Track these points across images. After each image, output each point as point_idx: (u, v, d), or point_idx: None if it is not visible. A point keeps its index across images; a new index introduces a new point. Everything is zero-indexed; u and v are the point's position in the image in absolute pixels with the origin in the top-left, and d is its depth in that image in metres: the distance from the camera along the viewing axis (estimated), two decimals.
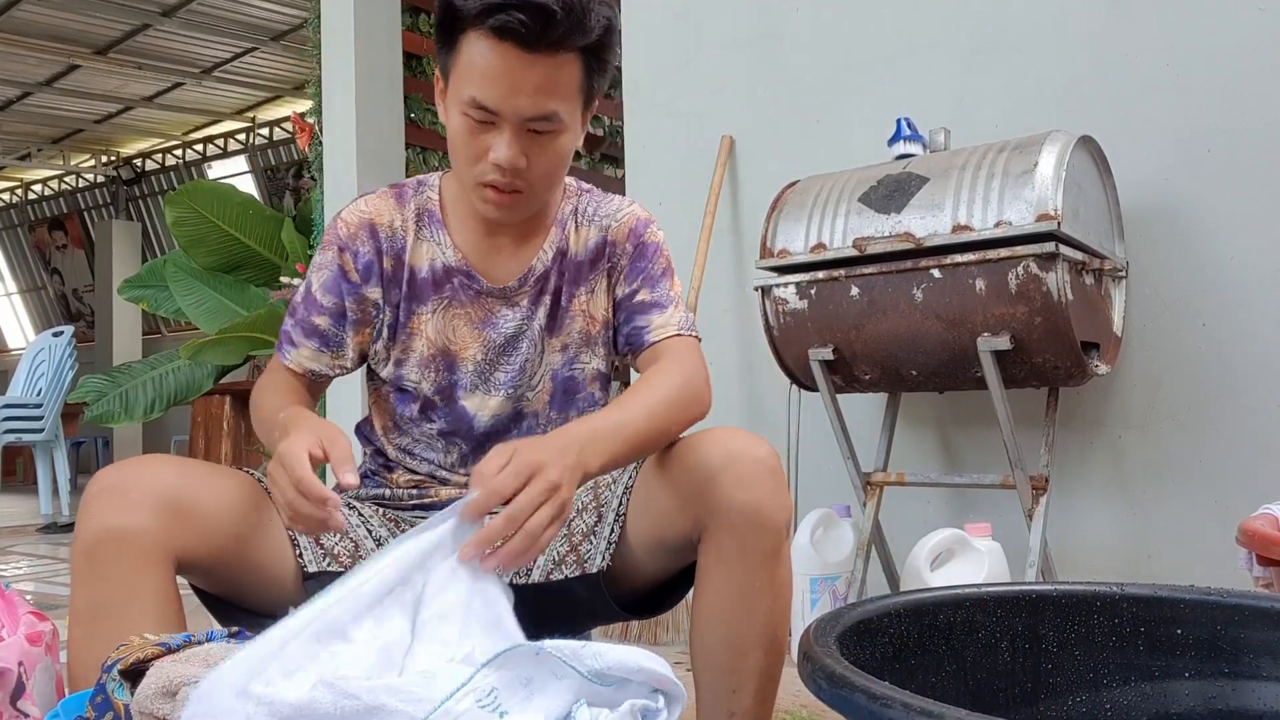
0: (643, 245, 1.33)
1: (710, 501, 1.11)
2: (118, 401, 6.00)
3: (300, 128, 4.49)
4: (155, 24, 7.64)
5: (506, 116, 1.14)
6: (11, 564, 4.35)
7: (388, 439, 1.34)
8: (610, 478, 1.26)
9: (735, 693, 1.14)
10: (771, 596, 1.13)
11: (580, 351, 1.32)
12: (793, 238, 2.40)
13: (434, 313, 1.28)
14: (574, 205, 1.35)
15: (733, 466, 1.10)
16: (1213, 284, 2.32)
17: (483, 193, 1.20)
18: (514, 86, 1.13)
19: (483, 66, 1.13)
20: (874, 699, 0.76)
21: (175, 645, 0.93)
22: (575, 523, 1.24)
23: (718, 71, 3.10)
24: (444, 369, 1.28)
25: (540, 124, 1.16)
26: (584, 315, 1.32)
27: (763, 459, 1.11)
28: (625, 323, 1.32)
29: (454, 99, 1.17)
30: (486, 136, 1.16)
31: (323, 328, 1.29)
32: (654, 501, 1.19)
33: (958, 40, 2.70)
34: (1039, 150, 2.11)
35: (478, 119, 1.15)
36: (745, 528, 1.10)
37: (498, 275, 1.29)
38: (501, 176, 1.18)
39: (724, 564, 1.12)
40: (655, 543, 1.19)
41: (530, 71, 1.12)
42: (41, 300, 13.10)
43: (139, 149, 11.17)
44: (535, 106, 1.14)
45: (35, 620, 1.19)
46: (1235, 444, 2.28)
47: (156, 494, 1.05)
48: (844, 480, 2.53)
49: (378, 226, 1.28)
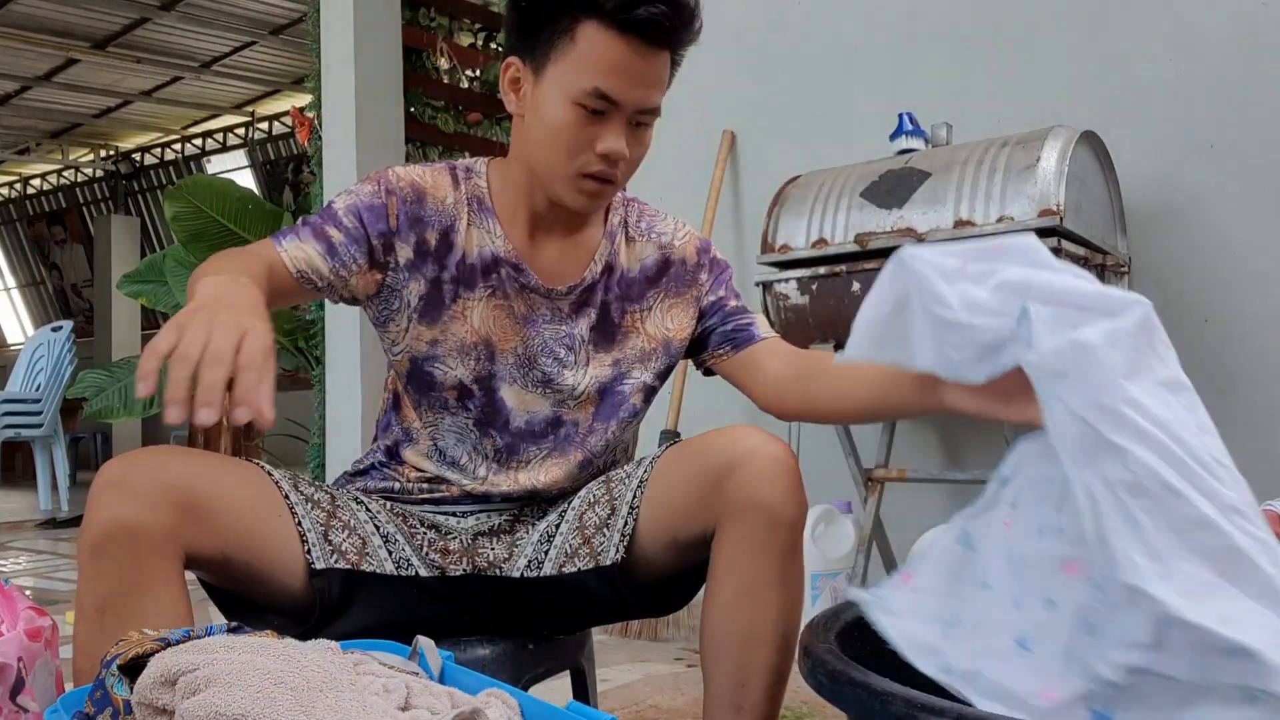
0: (715, 260, 1.38)
1: (726, 496, 1.11)
2: (117, 396, 6.00)
3: (300, 122, 4.48)
4: (154, 18, 7.63)
5: (626, 107, 1.17)
6: (11, 559, 4.35)
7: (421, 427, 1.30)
8: (624, 471, 1.26)
9: (744, 687, 1.14)
10: (784, 592, 1.14)
11: (633, 367, 1.32)
12: (794, 233, 2.40)
13: (480, 300, 1.27)
14: (622, 216, 1.35)
15: (750, 463, 1.11)
16: (1215, 280, 2.32)
17: (581, 184, 1.20)
18: (637, 79, 1.16)
19: (610, 58, 1.14)
20: (875, 695, 0.76)
21: (175, 640, 0.93)
22: (588, 515, 1.24)
23: (719, 66, 3.09)
24: (484, 358, 1.27)
25: (647, 116, 1.20)
26: (639, 332, 1.32)
27: (780, 457, 1.12)
28: (723, 323, 1.34)
29: (561, 89, 1.17)
30: (594, 128, 1.17)
31: (335, 240, 1.21)
32: (669, 496, 1.19)
33: (960, 34, 2.69)
34: (1041, 145, 2.11)
35: (594, 109, 1.16)
36: (760, 523, 1.11)
37: (545, 273, 1.29)
38: (608, 167, 1.19)
39: (738, 559, 1.12)
40: (669, 537, 1.19)
41: (650, 64, 1.17)
42: (40, 295, 13.10)
43: (138, 143, 11.16)
44: (650, 99, 1.18)
45: (35, 615, 1.19)
46: (1236, 440, 2.27)
47: (165, 487, 1.04)
48: (845, 476, 2.53)
49: (428, 196, 1.26)
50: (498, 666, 1.21)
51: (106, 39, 8.13)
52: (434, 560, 1.25)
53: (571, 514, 1.26)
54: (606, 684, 2.14)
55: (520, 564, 1.26)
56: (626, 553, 1.20)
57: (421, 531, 1.26)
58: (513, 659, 1.24)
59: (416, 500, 1.30)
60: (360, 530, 1.22)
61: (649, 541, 1.20)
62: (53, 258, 12.73)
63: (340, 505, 1.22)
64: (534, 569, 1.25)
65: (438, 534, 1.27)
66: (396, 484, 1.30)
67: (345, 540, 1.20)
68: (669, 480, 1.20)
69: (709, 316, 1.35)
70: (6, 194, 12.93)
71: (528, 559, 1.26)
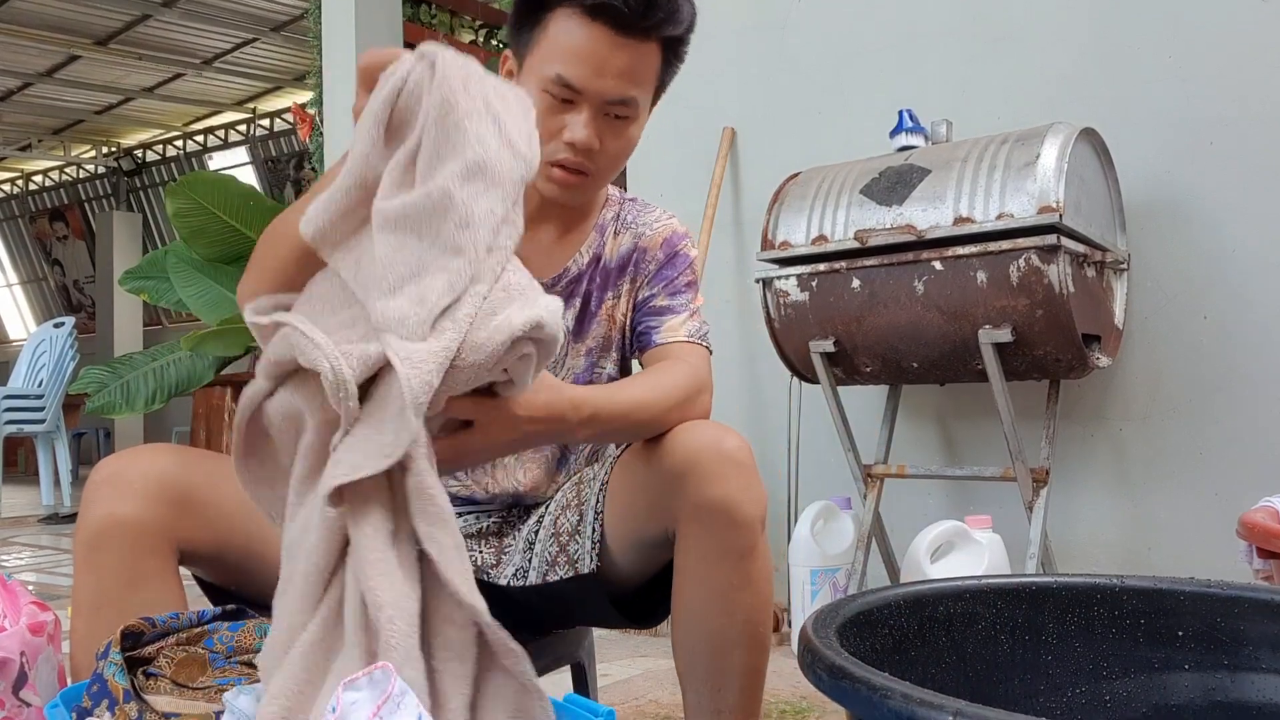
0: (675, 256, 1.32)
1: (679, 500, 1.08)
2: (119, 393, 6.00)
3: (301, 119, 4.49)
4: (156, 14, 7.63)
5: (589, 96, 1.15)
6: (14, 554, 4.36)
7: None
8: (590, 472, 1.25)
9: (720, 691, 1.13)
10: (750, 593, 1.10)
11: (600, 356, 1.32)
12: (794, 229, 2.40)
13: None
14: (616, 213, 1.35)
15: (699, 463, 1.07)
16: (1215, 276, 2.32)
17: (550, 171, 1.20)
18: (601, 67, 1.14)
19: (573, 45, 1.14)
20: (874, 690, 0.76)
21: (160, 623, 0.94)
22: (561, 521, 1.23)
23: (719, 62, 3.09)
24: None
25: (618, 108, 1.18)
26: (608, 320, 1.32)
27: (730, 452, 1.07)
28: (639, 323, 1.31)
29: (532, 76, 1.17)
30: (563, 116, 1.17)
31: None
32: (627, 499, 1.17)
33: (960, 31, 2.69)
34: (1041, 142, 2.11)
35: (558, 97, 1.16)
36: (717, 525, 1.07)
37: (536, 266, 1.28)
38: (573, 156, 1.18)
39: (699, 563, 1.09)
40: (634, 540, 1.17)
41: (619, 54, 1.14)
42: (42, 291, 13.10)
43: (140, 140, 11.16)
44: (618, 89, 1.16)
45: (37, 610, 1.19)
46: (1236, 437, 2.28)
47: (159, 483, 1.05)
48: (844, 472, 2.54)
49: None
50: None
51: (108, 35, 8.12)
52: None
53: (548, 520, 1.25)
54: (606, 679, 2.15)
55: (508, 572, 1.25)
56: (599, 558, 1.18)
57: None
58: None
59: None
60: None
61: (616, 544, 1.19)
62: (55, 254, 12.72)
63: None
64: (520, 578, 1.24)
65: None
66: None
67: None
68: (626, 483, 1.18)
69: (638, 311, 1.32)
70: (9, 190, 12.93)
71: (515, 568, 1.25)
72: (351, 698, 0.80)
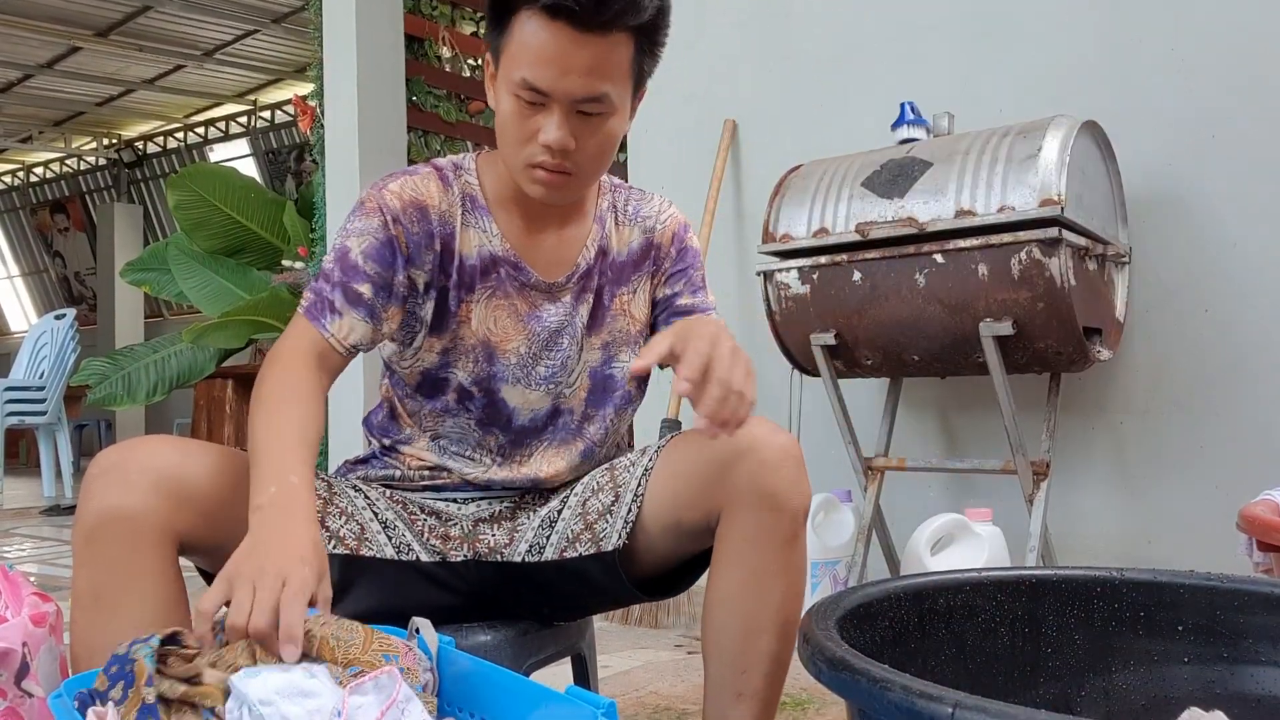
0: (685, 249, 1.37)
1: (731, 484, 1.13)
2: (120, 384, 6.02)
3: (302, 111, 4.48)
4: (156, 6, 7.62)
5: (557, 97, 1.14)
6: (15, 546, 4.37)
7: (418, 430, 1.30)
8: (629, 459, 1.27)
9: (745, 674, 1.16)
10: (786, 581, 1.15)
11: (620, 350, 1.33)
12: (795, 222, 2.40)
13: (478, 302, 1.26)
14: (610, 200, 1.35)
15: (756, 451, 1.12)
16: (1216, 270, 2.31)
17: (531, 174, 1.19)
18: (565, 67, 1.12)
19: (534, 46, 1.12)
20: (874, 682, 0.76)
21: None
22: (591, 502, 1.25)
23: (721, 55, 3.09)
24: (484, 360, 1.26)
25: (590, 105, 1.15)
26: (625, 315, 1.33)
27: (785, 446, 1.13)
28: (666, 321, 1.34)
29: (504, 80, 1.17)
30: (536, 118, 1.16)
31: (367, 297, 1.20)
32: (674, 484, 1.20)
33: (962, 24, 2.69)
34: (1043, 135, 2.11)
35: (528, 100, 1.15)
36: (764, 512, 1.12)
37: (543, 268, 1.29)
38: (550, 158, 1.17)
39: (741, 547, 1.14)
40: (672, 525, 1.20)
41: (582, 52, 1.12)
42: (43, 283, 13.10)
43: (140, 131, 11.14)
44: (586, 88, 1.14)
45: (39, 601, 1.20)
46: (1237, 430, 2.29)
47: (158, 474, 1.05)
48: (845, 465, 2.54)
49: (429, 208, 1.24)
50: (499, 652, 1.22)
51: (109, 27, 8.10)
52: (434, 546, 1.25)
53: (574, 500, 1.27)
54: (607, 670, 2.15)
55: (521, 549, 1.27)
56: (629, 539, 1.20)
57: (422, 518, 1.27)
58: (514, 645, 1.25)
59: (417, 487, 1.30)
60: (358, 516, 1.22)
61: (652, 527, 1.21)
62: (56, 246, 12.71)
63: (337, 493, 1.23)
64: (535, 554, 1.26)
65: (438, 520, 1.28)
66: (397, 471, 1.31)
67: (343, 526, 1.20)
68: (674, 468, 1.20)
69: (659, 308, 1.36)
70: (9, 182, 12.91)
71: (529, 544, 1.26)
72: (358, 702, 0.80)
